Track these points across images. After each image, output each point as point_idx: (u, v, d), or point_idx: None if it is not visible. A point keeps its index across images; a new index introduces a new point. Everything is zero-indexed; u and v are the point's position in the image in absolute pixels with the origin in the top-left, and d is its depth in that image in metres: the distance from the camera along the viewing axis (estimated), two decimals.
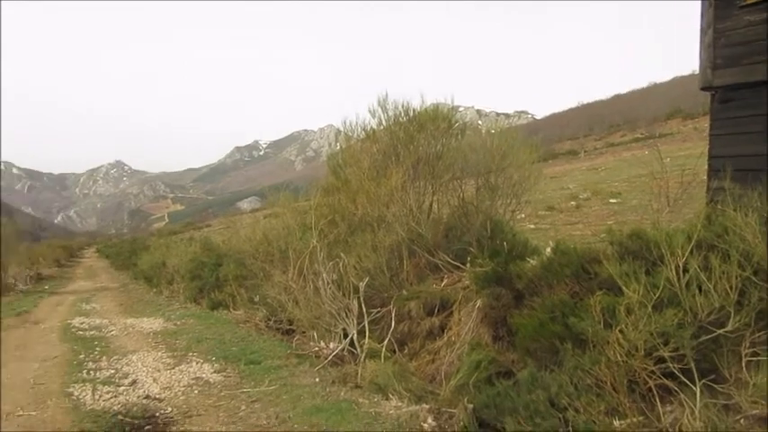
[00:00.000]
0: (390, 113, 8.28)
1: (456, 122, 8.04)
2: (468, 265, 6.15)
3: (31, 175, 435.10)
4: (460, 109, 9.06)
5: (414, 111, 8.14)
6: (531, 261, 5.29)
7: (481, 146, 7.72)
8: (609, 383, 3.38)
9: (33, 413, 4.87)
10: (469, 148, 7.83)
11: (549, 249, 5.17)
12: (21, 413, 4.86)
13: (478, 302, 5.42)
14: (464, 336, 5.36)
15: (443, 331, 5.86)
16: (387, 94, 8.32)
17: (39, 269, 25.75)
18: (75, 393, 5.43)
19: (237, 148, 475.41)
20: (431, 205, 7.83)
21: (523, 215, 11.02)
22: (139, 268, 20.84)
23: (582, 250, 4.77)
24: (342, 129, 9.19)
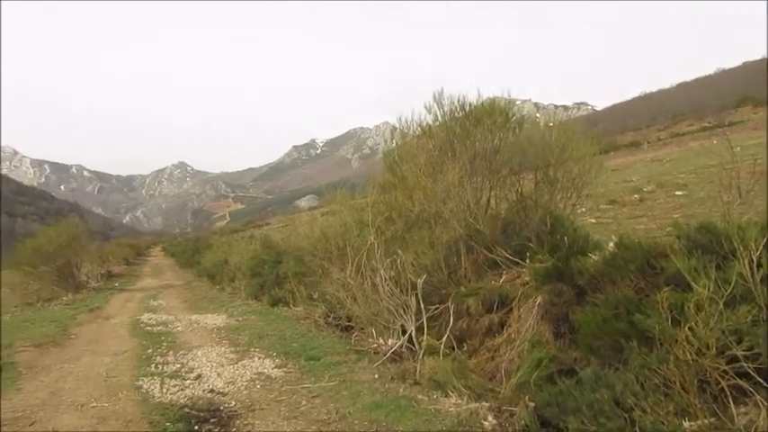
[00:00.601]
0: (446, 109, 8.21)
1: (513, 116, 7.91)
2: (527, 260, 6.04)
3: (101, 177, 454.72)
4: (517, 102, 8.90)
5: (470, 105, 8.05)
6: (593, 256, 5.15)
7: (539, 139, 7.58)
8: (678, 383, 3.25)
9: (106, 404, 5.08)
10: (527, 142, 7.69)
11: (611, 244, 5.02)
12: (94, 404, 5.08)
13: (539, 299, 5.32)
14: (524, 333, 5.27)
15: (503, 328, 5.78)
16: (442, 90, 8.27)
17: (109, 267, 26.92)
18: (145, 386, 5.63)
19: (295, 147, 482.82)
20: (488, 201, 7.74)
21: (584, 209, 10.74)
22: (203, 266, 21.46)
23: (647, 245, 4.60)
24: (397, 125, 9.18)
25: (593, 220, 11.54)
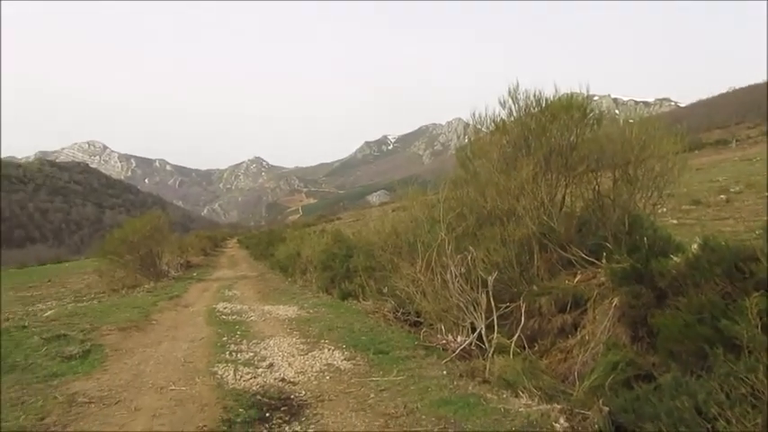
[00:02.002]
0: (521, 104, 8.06)
1: (591, 111, 7.66)
2: (603, 260, 5.85)
3: (182, 171, 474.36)
4: (595, 98, 8.63)
5: (546, 100, 7.86)
6: (675, 258, 4.92)
7: (619, 136, 7.30)
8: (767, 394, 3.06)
9: (183, 388, 5.29)
10: (606, 139, 7.43)
11: (695, 246, 4.78)
12: (173, 387, 5.31)
13: (615, 300, 5.14)
14: (599, 335, 5.11)
15: (576, 329, 5.63)
16: (517, 84, 8.11)
17: (188, 257, 28.01)
18: (219, 372, 5.83)
19: (367, 143, 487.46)
20: (563, 198, 7.54)
21: (665, 209, 10.30)
22: (276, 258, 21.96)
23: (735, 247, 4.36)
24: (470, 121, 9.08)
25: (674, 221, 11.05)
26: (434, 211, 7.97)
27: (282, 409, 4.68)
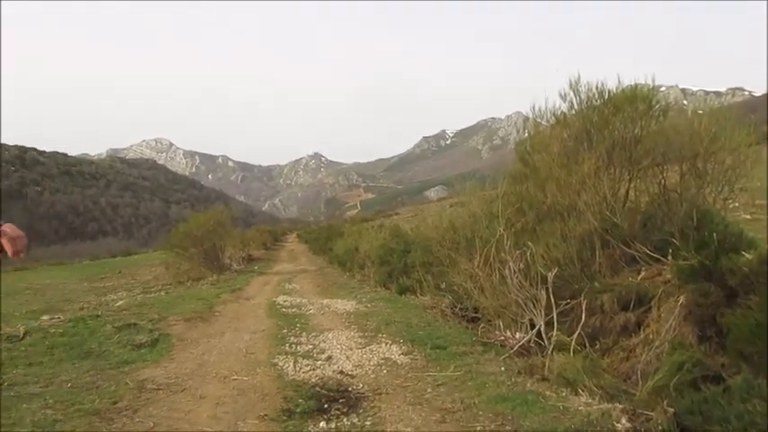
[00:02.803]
0: (583, 96, 7.85)
1: (657, 103, 7.39)
2: (669, 257, 5.65)
3: (244, 167, 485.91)
4: (662, 89, 8.33)
5: (609, 92, 7.64)
6: (747, 255, 4.70)
7: (687, 128, 7.02)
8: None
9: (245, 378, 5.45)
10: (673, 131, 7.16)
11: None
12: (235, 377, 5.47)
13: (682, 299, 4.96)
14: (664, 334, 4.94)
15: (640, 328, 5.46)
16: (579, 76, 7.91)
17: (249, 251, 28.69)
18: (279, 364, 5.96)
19: (425, 138, 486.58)
20: (627, 193, 7.31)
21: (737, 204, 9.84)
22: (334, 253, 22.22)
23: None
24: (530, 115, 8.93)
25: (747, 216, 10.54)
26: (493, 206, 7.89)
27: (340, 400, 4.75)
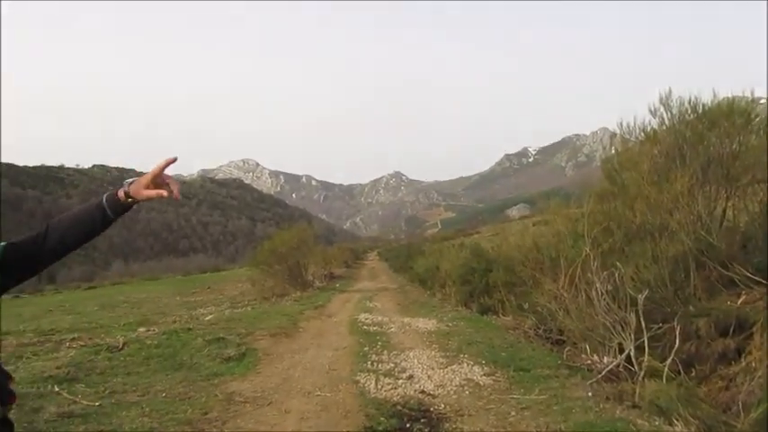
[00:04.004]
0: (675, 111, 7.54)
1: (756, 116, 6.99)
2: None
3: (326, 186, 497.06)
4: (762, 101, 7.82)
5: (703, 106, 7.30)
6: None
7: None
8: None
9: (328, 394, 5.54)
10: None
11: None
12: (319, 393, 5.57)
13: None
14: None
15: (740, 355, 5.12)
16: (670, 91, 7.61)
17: (331, 269, 29.17)
18: (361, 381, 6.02)
19: (507, 156, 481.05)
20: (724, 212, 6.92)
21: None
22: (415, 271, 22.22)
23: None
24: (618, 131, 8.65)
25: None
26: (578, 225, 7.69)
27: (422, 420, 4.74)
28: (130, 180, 1.78)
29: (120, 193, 1.75)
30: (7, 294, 1.69)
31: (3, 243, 1.65)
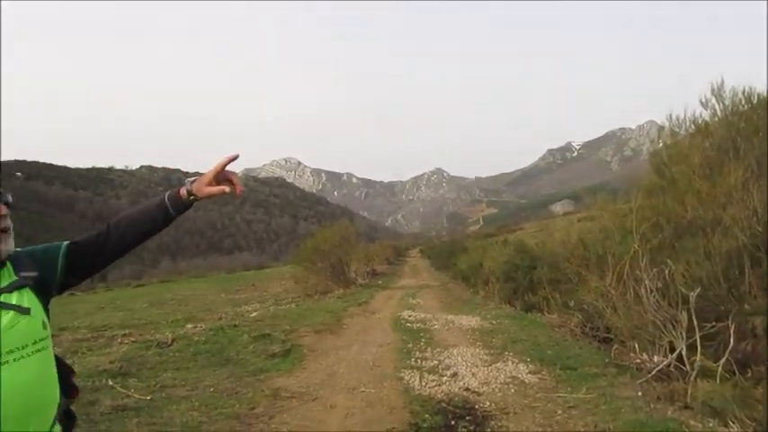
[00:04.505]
0: (727, 102, 7.28)
1: None
2: None
3: (367, 183, 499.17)
4: None
5: (758, 96, 7.03)
6: None
7: None
8: None
9: (372, 390, 5.56)
10: None
11: None
12: (363, 389, 5.60)
13: None
14: None
15: None
16: (722, 81, 7.35)
17: (373, 266, 29.27)
18: (406, 378, 6.02)
19: (550, 151, 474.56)
20: None
21: None
22: (458, 268, 22.11)
23: None
24: (666, 124, 8.40)
25: None
26: (626, 220, 7.51)
27: (467, 418, 4.71)
28: (192, 179, 1.83)
29: (183, 192, 1.80)
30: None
31: (65, 242, 1.72)
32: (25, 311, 1.52)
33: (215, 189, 1.79)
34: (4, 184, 1.57)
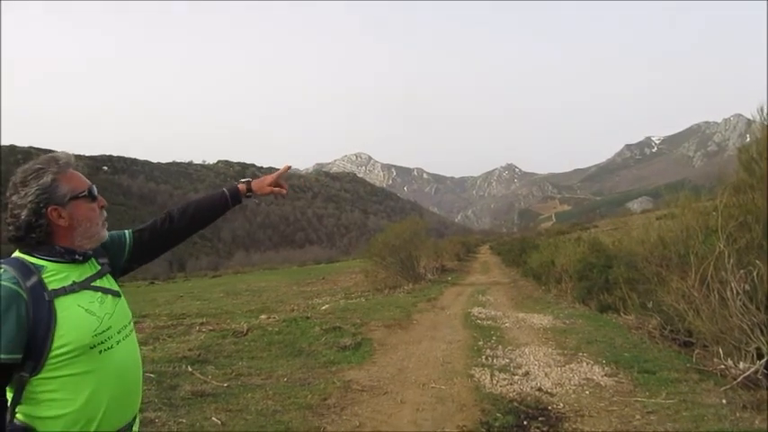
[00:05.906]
0: None
1: None
2: None
3: (438, 179, 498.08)
4: None
5: None
6: None
7: None
8: None
9: (443, 387, 5.56)
10: None
11: None
12: (433, 385, 5.61)
13: None
14: None
15: None
16: None
17: (442, 262, 29.15)
18: (476, 375, 5.98)
19: (627, 146, 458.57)
20: None
21: None
22: (529, 266, 21.69)
23: None
24: (756, 117, 7.94)
25: None
26: (710, 219, 7.16)
27: (540, 419, 4.63)
28: (246, 179, 2.14)
29: (242, 187, 2.08)
30: (143, 281, 1.91)
31: (129, 230, 1.90)
32: (118, 294, 1.68)
33: (276, 189, 2.09)
34: (92, 178, 1.71)
